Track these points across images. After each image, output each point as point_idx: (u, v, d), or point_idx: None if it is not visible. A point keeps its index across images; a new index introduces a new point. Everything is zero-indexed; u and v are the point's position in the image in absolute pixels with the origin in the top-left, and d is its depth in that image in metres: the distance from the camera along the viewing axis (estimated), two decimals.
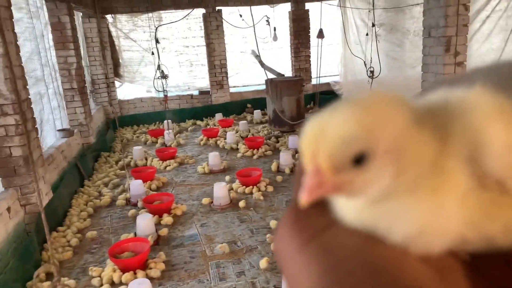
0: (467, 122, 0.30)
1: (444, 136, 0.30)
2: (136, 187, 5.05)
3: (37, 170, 4.26)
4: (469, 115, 0.30)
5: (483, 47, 6.36)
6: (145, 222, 4.04)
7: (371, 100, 0.30)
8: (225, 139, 7.62)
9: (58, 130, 6.09)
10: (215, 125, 9.02)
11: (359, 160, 0.29)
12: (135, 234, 4.06)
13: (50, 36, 6.37)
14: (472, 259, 0.32)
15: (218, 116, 9.50)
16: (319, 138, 0.29)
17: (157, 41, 8.49)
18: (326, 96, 9.83)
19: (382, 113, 0.30)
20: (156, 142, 8.07)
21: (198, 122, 9.60)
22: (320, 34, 7.47)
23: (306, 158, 0.30)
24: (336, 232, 0.31)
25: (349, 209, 0.32)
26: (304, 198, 0.29)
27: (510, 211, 0.30)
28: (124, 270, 3.41)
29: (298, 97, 7.77)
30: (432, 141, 0.30)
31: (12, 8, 4.04)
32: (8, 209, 3.77)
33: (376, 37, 7.88)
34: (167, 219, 4.44)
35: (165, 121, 8.56)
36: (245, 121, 8.63)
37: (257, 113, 9.49)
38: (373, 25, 7.78)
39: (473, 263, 0.32)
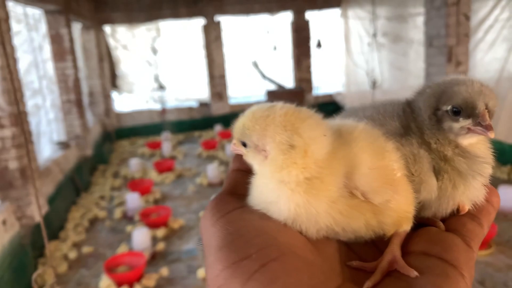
0: (350, 148, 0.46)
1: (332, 155, 0.45)
2: (133, 200, 5.14)
3: (34, 183, 4.36)
4: (352, 144, 0.46)
5: (487, 56, 6.46)
6: (141, 236, 4.11)
7: (261, 110, 0.47)
8: (224, 151, 7.71)
9: (55, 143, 6.20)
10: (213, 137, 9.13)
11: (244, 144, 0.47)
12: (131, 248, 4.13)
13: (48, 48, 6.53)
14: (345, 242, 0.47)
15: (218, 127, 9.62)
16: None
17: (154, 52, 8.65)
18: (329, 107, 9.94)
19: (261, 121, 0.46)
20: (154, 154, 8.17)
21: (196, 133, 9.71)
22: (318, 45, 7.61)
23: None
24: (240, 212, 0.45)
25: (255, 190, 0.47)
26: (231, 149, 0.50)
27: (369, 213, 0.45)
28: (119, 285, 3.48)
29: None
30: (313, 158, 0.44)
31: (11, 20, 4.19)
32: (4, 222, 3.85)
33: (377, 47, 8.01)
34: (163, 232, 4.51)
35: (163, 133, 8.67)
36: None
37: None
38: (374, 35, 7.91)
39: (346, 244, 0.47)
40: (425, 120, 0.53)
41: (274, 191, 0.45)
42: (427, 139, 0.52)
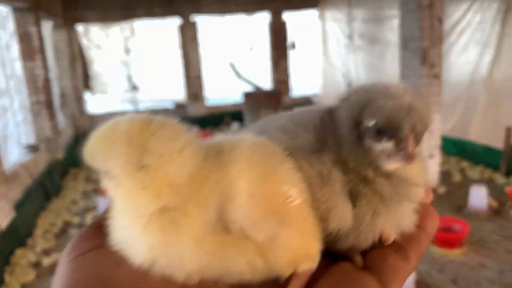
0: (226, 171, 0.37)
1: (201, 180, 0.37)
2: (105, 205, 5.03)
3: None
4: (230, 165, 0.37)
5: (460, 59, 6.63)
6: None
7: (105, 130, 0.39)
8: None
9: (23, 146, 6.03)
10: None
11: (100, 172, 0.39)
12: None
13: (16, 47, 6.36)
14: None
15: (194, 129, 9.54)
16: None
17: (128, 52, 8.54)
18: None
19: (99, 144, 0.38)
20: None
21: None
22: (292, 46, 7.66)
23: None
24: (95, 254, 0.39)
25: (114, 229, 0.39)
26: None
27: (253, 253, 0.37)
28: None
29: (276, 110, 7.90)
30: (170, 185, 0.37)
31: None
32: None
33: (354, 49, 8.11)
34: None
35: None
36: (223, 134, 8.69)
37: (236, 126, 9.58)
38: (350, 37, 8.01)
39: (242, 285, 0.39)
40: (345, 133, 0.45)
41: (128, 228, 0.37)
42: (344, 156, 0.44)
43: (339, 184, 0.43)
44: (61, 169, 6.84)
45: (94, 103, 10.08)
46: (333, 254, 0.43)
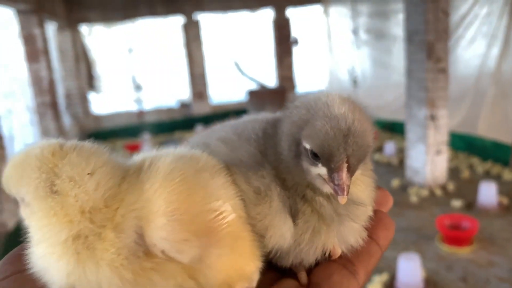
0: (141, 192, 0.35)
1: (117, 202, 0.35)
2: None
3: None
4: (145, 185, 0.35)
5: (467, 53, 6.56)
6: None
7: (13, 158, 0.38)
8: None
9: None
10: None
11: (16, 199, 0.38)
12: None
13: (21, 48, 6.39)
14: None
15: (199, 128, 9.54)
16: None
17: (131, 52, 8.55)
18: None
19: (12, 170, 0.37)
20: None
21: (177, 134, 9.63)
22: (295, 42, 7.62)
23: None
24: (16, 279, 0.38)
25: (33, 254, 0.38)
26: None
27: (181, 276, 0.34)
28: None
29: (281, 106, 7.86)
30: (66, 208, 0.35)
31: None
32: None
33: (359, 44, 8.05)
34: None
35: (143, 135, 8.57)
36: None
37: None
38: (355, 32, 7.95)
39: None
40: (284, 150, 0.42)
41: (42, 258, 0.36)
42: (282, 172, 0.42)
43: (277, 200, 0.41)
44: None
45: (99, 104, 10.12)
46: (282, 268, 0.41)
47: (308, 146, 0.41)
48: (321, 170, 0.41)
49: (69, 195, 0.35)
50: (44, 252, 0.36)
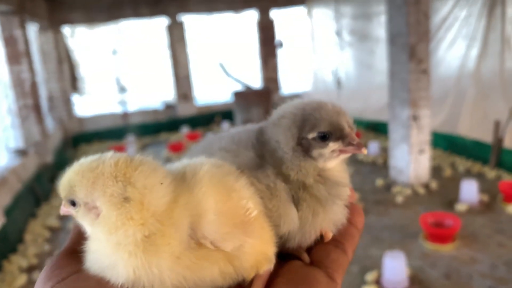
0: (193, 194, 0.43)
1: (173, 204, 0.42)
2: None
3: None
4: (195, 189, 0.43)
5: (448, 54, 6.70)
6: None
7: (88, 165, 0.43)
8: None
9: (12, 151, 5.96)
10: (180, 140, 9.02)
11: (74, 203, 0.43)
12: None
13: (1, 50, 6.28)
14: None
15: (184, 129, 9.51)
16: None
17: (115, 53, 8.47)
18: None
19: (87, 177, 0.42)
20: None
21: (162, 136, 9.58)
22: (279, 45, 7.67)
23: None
24: (74, 279, 0.41)
25: (91, 254, 0.43)
26: (61, 212, 0.45)
27: (223, 261, 0.43)
28: None
29: (266, 108, 7.91)
30: (139, 210, 0.41)
31: None
32: None
33: (342, 45, 8.13)
34: None
35: (128, 137, 8.51)
36: (212, 133, 8.66)
37: (226, 125, 9.57)
38: (338, 33, 8.02)
39: None
40: (287, 152, 0.51)
41: (110, 256, 0.41)
42: (285, 171, 0.51)
43: (284, 193, 0.50)
44: (51, 173, 6.77)
45: (82, 106, 9.99)
46: (282, 254, 0.49)
47: (315, 134, 0.52)
48: (333, 145, 0.52)
49: (143, 201, 0.40)
50: (114, 251, 0.41)
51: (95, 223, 0.42)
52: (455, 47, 6.60)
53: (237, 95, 7.97)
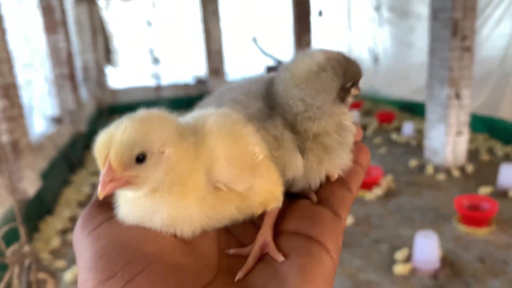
0: (205, 144, 0.46)
1: (196, 153, 0.45)
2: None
3: (26, 157, 4.33)
4: (206, 138, 0.47)
5: (494, 33, 6.38)
6: None
7: (144, 115, 0.45)
8: None
9: (48, 118, 6.14)
10: None
11: (141, 159, 0.42)
12: None
13: (40, 20, 6.41)
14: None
15: None
16: (109, 143, 0.42)
17: (149, 25, 8.52)
18: None
19: (154, 124, 0.44)
20: None
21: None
22: (319, 13, 7.52)
23: (99, 161, 0.42)
24: (107, 225, 0.44)
25: (125, 205, 0.45)
26: (100, 191, 0.41)
27: (238, 200, 0.47)
28: None
29: None
30: (189, 154, 0.45)
31: None
32: None
33: (381, 22, 7.88)
34: None
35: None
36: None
37: None
38: (377, 8, 7.77)
39: (226, 228, 0.49)
40: (323, 104, 0.53)
41: (146, 201, 0.44)
42: (299, 122, 0.53)
43: (290, 143, 0.52)
44: (84, 142, 6.96)
45: (115, 78, 10.15)
46: (291, 194, 0.53)
47: (352, 82, 0.56)
48: (355, 91, 0.57)
49: (177, 152, 0.45)
50: (150, 196, 0.44)
51: (164, 170, 0.44)
52: (502, 25, 6.27)
53: (270, 70, 7.90)
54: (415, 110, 7.68)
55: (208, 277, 0.42)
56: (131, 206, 0.44)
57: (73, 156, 6.08)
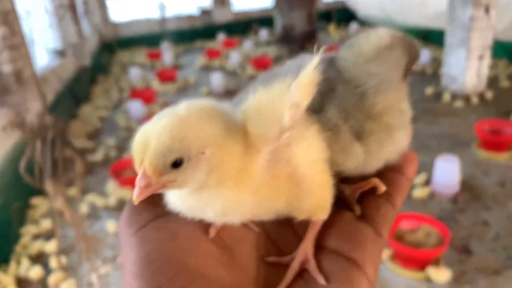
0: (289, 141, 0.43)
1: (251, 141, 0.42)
2: (136, 108, 5.00)
3: (31, 88, 4.19)
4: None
5: None
6: None
7: (185, 112, 0.41)
8: (228, 60, 7.43)
9: (50, 52, 5.93)
10: (216, 47, 8.74)
11: (178, 163, 0.40)
12: None
13: None
14: (264, 229, 0.48)
15: (221, 36, 9.16)
16: (144, 148, 0.39)
17: None
18: (341, 14, 9.40)
19: (194, 123, 0.40)
20: (155, 65, 7.89)
21: (198, 43, 9.31)
22: None
23: (135, 163, 0.40)
24: (153, 227, 0.43)
25: (175, 198, 0.44)
26: (135, 198, 0.39)
27: (288, 194, 0.44)
28: (127, 187, 3.45)
29: (309, 11, 7.41)
30: (239, 147, 0.41)
31: None
32: (4, 128, 3.75)
33: None
34: None
35: (164, 43, 8.31)
36: (250, 41, 8.33)
37: (264, 33, 9.15)
38: None
39: (266, 232, 0.48)
40: (393, 80, 0.52)
41: (196, 195, 0.42)
42: (367, 103, 0.51)
43: (347, 133, 0.50)
44: (89, 76, 6.79)
45: (117, 11, 9.74)
46: (335, 202, 0.49)
47: (412, 63, 0.55)
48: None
49: (236, 138, 0.42)
50: (205, 189, 0.42)
51: (208, 173, 0.41)
52: None
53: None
54: (430, 37, 7.33)
55: None
56: (181, 197, 0.44)
57: (78, 90, 5.94)
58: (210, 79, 6.21)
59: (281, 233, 0.49)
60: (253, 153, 0.42)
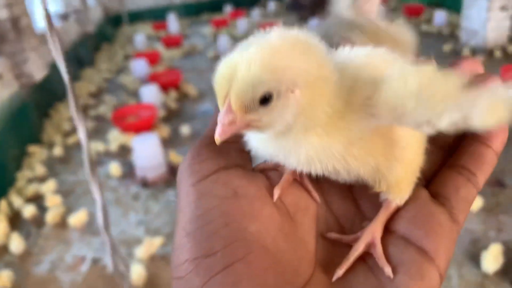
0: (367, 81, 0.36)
1: (349, 90, 0.36)
2: (140, 67, 4.80)
3: (29, 39, 4.00)
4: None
5: None
6: (150, 93, 3.83)
7: (277, 41, 0.35)
8: (236, 28, 7.21)
9: (53, 14, 5.75)
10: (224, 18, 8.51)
11: (266, 100, 0.34)
12: None
13: None
14: (326, 200, 0.42)
15: (228, 8, 8.92)
16: (230, 80, 0.34)
17: None
18: None
19: (286, 53, 0.34)
20: (161, 36, 7.68)
21: (205, 16, 9.08)
22: None
23: (218, 97, 0.35)
24: (215, 179, 0.38)
25: (257, 140, 0.39)
26: (218, 135, 0.35)
27: (381, 155, 0.38)
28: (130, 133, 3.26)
29: None
30: (335, 91, 0.35)
31: None
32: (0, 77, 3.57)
33: None
34: (174, 95, 4.24)
35: (169, 15, 8.10)
36: (258, 10, 8.10)
37: (272, 4, 8.89)
38: None
39: (327, 204, 0.42)
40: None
41: (280, 140, 0.37)
42: None
43: None
44: (93, 43, 6.60)
45: None
46: None
47: None
48: None
49: (331, 80, 0.36)
50: (296, 131, 0.36)
51: (294, 113, 0.35)
52: None
53: None
54: (444, 3, 7.04)
55: (306, 273, 0.37)
56: (263, 141, 0.38)
57: (82, 54, 5.75)
58: (217, 44, 5.99)
59: (344, 208, 0.42)
60: (355, 104, 0.36)
